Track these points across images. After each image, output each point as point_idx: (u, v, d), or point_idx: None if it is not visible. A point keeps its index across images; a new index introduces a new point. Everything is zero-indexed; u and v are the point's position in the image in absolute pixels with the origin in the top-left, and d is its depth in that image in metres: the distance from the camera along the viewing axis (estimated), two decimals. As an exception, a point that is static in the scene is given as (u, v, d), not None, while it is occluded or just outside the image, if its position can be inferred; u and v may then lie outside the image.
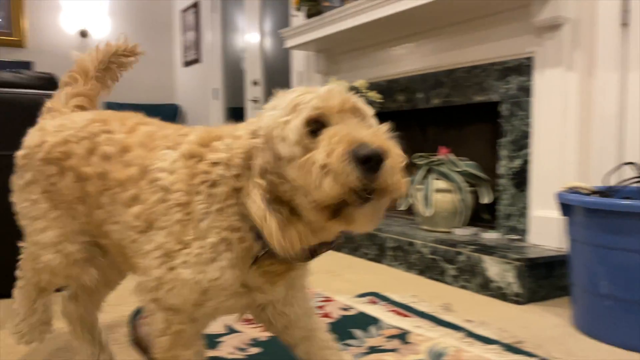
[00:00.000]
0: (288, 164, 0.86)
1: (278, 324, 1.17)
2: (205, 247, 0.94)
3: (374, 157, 0.78)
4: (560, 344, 1.67)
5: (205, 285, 0.96)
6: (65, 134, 1.20)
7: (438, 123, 3.50)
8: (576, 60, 2.24)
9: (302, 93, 0.89)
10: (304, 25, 3.54)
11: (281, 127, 0.87)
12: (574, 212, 1.79)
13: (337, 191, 0.79)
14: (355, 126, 0.85)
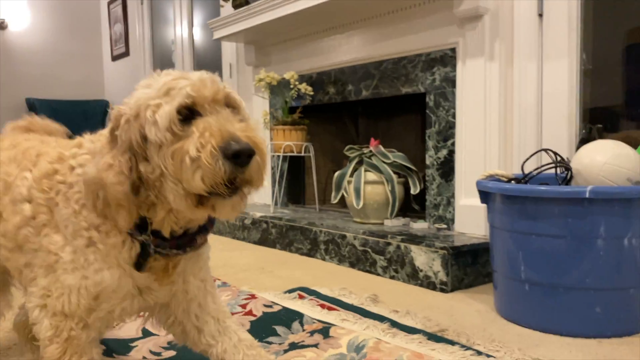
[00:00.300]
0: (156, 149, 0.86)
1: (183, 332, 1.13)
2: (77, 253, 0.94)
3: (244, 152, 0.82)
4: (482, 330, 1.69)
5: (93, 291, 0.94)
6: None
7: (368, 115, 3.51)
8: (496, 50, 2.28)
9: (176, 77, 0.88)
10: (231, 16, 3.45)
11: (152, 110, 0.86)
12: (493, 199, 1.81)
13: (206, 183, 0.82)
14: (227, 118, 0.86)
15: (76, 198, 0.95)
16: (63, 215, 0.96)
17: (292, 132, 3.25)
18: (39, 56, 6.30)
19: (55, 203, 0.97)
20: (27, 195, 1.01)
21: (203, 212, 0.88)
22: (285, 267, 2.60)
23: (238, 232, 3.39)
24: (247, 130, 0.86)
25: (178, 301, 1.09)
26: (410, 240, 2.26)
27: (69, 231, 0.95)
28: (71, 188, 0.96)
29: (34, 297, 0.99)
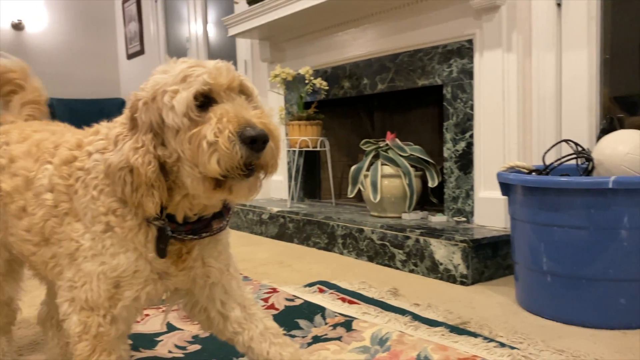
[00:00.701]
0: (173, 134, 0.88)
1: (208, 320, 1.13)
2: (96, 240, 0.95)
3: (260, 138, 0.84)
4: (504, 322, 1.68)
5: (112, 276, 0.96)
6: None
7: (384, 108, 3.51)
8: (514, 41, 2.26)
9: (192, 65, 0.90)
10: (246, 12, 3.46)
11: (170, 96, 0.88)
12: (514, 191, 1.80)
13: (222, 167, 0.84)
14: (243, 105, 0.89)
15: (94, 184, 0.96)
16: (82, 203, 0.97)
17: (308, 127, 3.26)
18: (55, 56, 6.38)
19: (74, 190, 0.99)
20: (49, 184, 1.03)
21: (220, 195, 0.90)
22: (304, 261, 2.61)
23: (256, 227, 3.41)
24: (262, 117, 0.89)
25: (200, 286, 1.09)
26: (429, 233, 2.26)
27: (88, 218, 0.96)
28: (89, 174, 0.98)
29: (62, 290, 1.01)
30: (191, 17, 5.25)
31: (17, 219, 1.09)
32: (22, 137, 1.17)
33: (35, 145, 1.12)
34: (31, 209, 1.06)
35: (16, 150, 1.13)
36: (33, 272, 1.36)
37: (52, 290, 1.44)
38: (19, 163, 1.11)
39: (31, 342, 1.62)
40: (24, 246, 1.10)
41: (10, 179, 1.11)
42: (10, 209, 1.11)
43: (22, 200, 1.08)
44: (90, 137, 1.02)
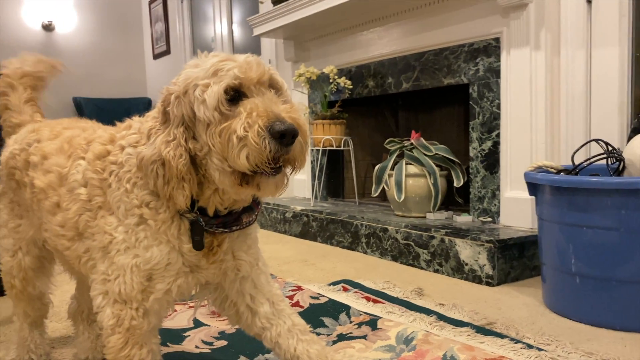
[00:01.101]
0: (204, 127, 0.89)
1: (237, 314, 1.14)
2: (129, 233, 0.97)
3: (289, 132, 0.85)
4: (531, 324, 1.66)
5: (145, 269, 0.97)
6: (12, 148, 1.28)
7: (409, 107, 3.49)
8: (542, 39, 2.23)
9: (223, 59, 0.91)
10: (271, 12, 3.48)
11: (201, 89, 0.89)
12: (542, 191, 1.78)
13: (252, 162, 0.85)
14: (272, 100, 0.90)
15: (127, 177, 0.98)
16: (116, 197, 0.99)
17: (331, 126, 3.26)
18: (84, 56, 6.50)
19: (108, 184, 1.01)
20: (82, 179, 1.05)
21: (247, 191, 0.91)
22: (327, 260, 2.62)
23: (279, 225, 3.43)
24: (291, 112, 0.89)
25: (230, 280, 1.10)
26: (454, 233, 2.24)
27: (121, 211, 0.98)
28: (122, 168, 0.99)
29: (95, 283, 1.03)
30: (216, 17, 5.30)
31: (51, 214, 1.12)
32: (53, 135, 1.20)
33: (67, 142, 1.14)
34: (65, 204, 1.08)
35: (48, 148, 1.16)
36: (65, 267, 1.40)
37: (82, 284, 1.48)
38: (52, 160, 1.13)
39: (62, 336, 1.66)
40: (58, 241, 1.12)
41: (44, 175, 1.13)
42: (44, 205, 1.13)
43: (55, 196, 1.10)
44: (123, 131, 1.04)
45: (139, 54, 6.91)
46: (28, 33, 6.18)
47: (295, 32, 3.62)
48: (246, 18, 4.14)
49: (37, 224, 1.24)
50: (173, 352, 1.42)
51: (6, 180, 1.32)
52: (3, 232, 1.35)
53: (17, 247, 1.32)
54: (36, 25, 6.23)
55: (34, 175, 1.17)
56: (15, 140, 1.31)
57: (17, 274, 1.33)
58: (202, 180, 0.95)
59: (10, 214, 1.32)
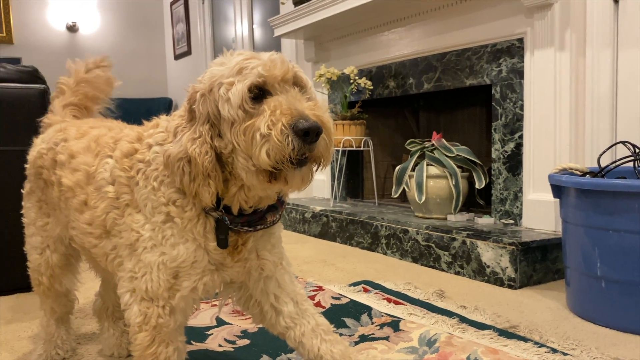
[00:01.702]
0: (229, 126, 0.89)
1: (261, 313, 1.14)
2: (156, 230, 0.98)
3: (313, 130, 0.85)
4: (555, 327, 1.65)
5: (172, 266, 0.97)
6: (39, 147, 1.31)
7: (430, 108, 3.47)
8: (567, 39, 2.20)
9: (248, 57, 0.92)
10: (292, 13, 3.49)
11: (225, 88, 0.89)
12: (567, 193, 1.76)
13: (272, 159, 0.85)
14: (296, 97, 0.90)
15: (154, 175, 0.99)
16: (143, 194, 1.00)
17: (351, 126, 3.26)
18: (106, 57, 6.60)
19: (135, 182, 1.01)
20: (110, 177, 1.06)
21: (276, 186, 0.91)
22: (347, 261, 2.62)
23: (299, 225, 3.44)
24: (316, 109, 0.89)
25: (255, 279, 1.11)
26: (476, 235, 2.22)
27: (148, 209, 0.99)
28: (149, 166, 1.00)
29: (123, 281, 1.04)
30: (237, 18, 5.34)
31: (78, 212, 1.13)
32: (79, 134, 1.22)
33: (94, 141, 1.15)
34: (93, 202, 1.09)
35: (75, 146, 1.18)
36: (91, 265, 1.42)
37: (107, 282, 1.50)
38: (79, 158, 1.15)
39: (87, 332, 1.69)
40: (86, 239, 1.14)
41: (72, 174, 1.15)
42: (72, 203, 1.15)
43: (83, 194, 1.12)
44: (150, 129, 1.05)
45: (161, 55, 6.99)
46: (53, 34, 6.30)
47: (316, 33, 3.63)
48: (267, 19, 4.16)
49: (64, 222, 1.26)
50: (197, 350, 1.43)
51: (34, 179, 1.34)
52: (31, 230, 1.37)
53: (45, 244, 1.34)
54: (61, 26, 6.35)
55: (61, 174, 1.19)
56: (42, 139, 1.34)
57: (45, 271, 1.35)
58: (227, 178, 0.95)
59: (38, 212, 1.34)
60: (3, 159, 2.02)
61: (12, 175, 1.40)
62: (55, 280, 1.37)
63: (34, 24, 6.16)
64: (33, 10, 6.14)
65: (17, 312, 1.89)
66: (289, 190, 0.95)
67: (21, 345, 1.59)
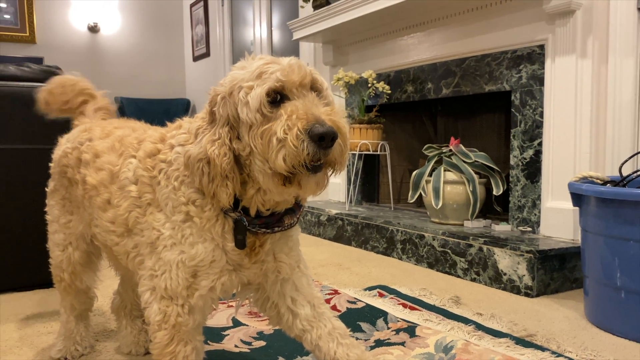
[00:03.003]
0: (247, 129, 0.91)
1: (278, 315, 1.15)
2: (175, 229, 0.99)
3: (328, 135, 0.85)
4: (573, 337, 1.63)
5: (190, 265, 0.99)
6: (65, 147, 1.33)
7: (448, 113, 3.46)
8: (589, 47, 2.18)
9: (268, 62, 0.93)
10: (311, 17, 3.50)
11: (245, 92, 0.91)
12: (587, 202, 1.74)
13: (288, 164, 0.86)
14: (313, 102, 0.91)
15: (175, 175, 1.00)
16: (164, 194, 1.02)
17: (368, 130, 3.26)
18: (126, 57, 6.68)
19: (157, 182, 1.03)
20: (133, 177, 1.08)
21: (291, 190, 0.92)
22: (362, 265, 2.62)
23: (314, 228, 3.45)
24: (332, 114, 0.89)
25: (272, 281, 1.12)
26: (493, 242, 2.21)
27: (169, 208, 1.01)
28: (171, 166, 1.02)
29: (143, 279, 1.05)
30: (256, 21, 5.37)
31: (102, 211, 1.16)
32: (104, 134, 1.24)
33: (119, 141, 1.18)
34: (116, 201, 1.11)
35: (100, 146, 1.20)
36: (111, 263, 1.44)
37: (126, 280, 1.52)
38: (104, 158, 1.17)
39: (105, 329, 1.71)
40: (108, 237, 1.16)
41: (96, 173, 1.17)
42: (96, 201, 1.17)
43: (107, 193, 1.14)
44: (173, 131, 1.07)
45: (180, 56, 7.05)
46: (75, 34, 6.39)
47: (335, 37, 3.64)
48: (285, 22, 4.18)
49: (87, 220, 1.28)
50: (213, 350, 1.44)
51: (58, 177, 1.37)
52: (54, 227, 1.40)
53: (68, 242, 1.37)
54: (82, 26, 6.44)
55: (85, 173, 1.21)
56: (67, 139, 1.37)
57: (67, 267, 1.38)
58: (246, 180, 0.96)
59: (61, 210, 1.37)
60: (32, 157, 2.06)
61: (40, 173, 1.43)
62: (76, 277, 1.39)
63: (57, 24, 6.26)
64: (56, 11, 6.24)
65: (38, 308, 1.92)
66: (304, 195, 0.96)
67: (41, 340, 1.62)
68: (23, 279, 2.11)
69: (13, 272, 2.09)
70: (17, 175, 2.07)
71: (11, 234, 2.07)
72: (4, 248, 2.07)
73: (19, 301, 2.00)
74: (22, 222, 2.08)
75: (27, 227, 2.07)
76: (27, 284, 2.12)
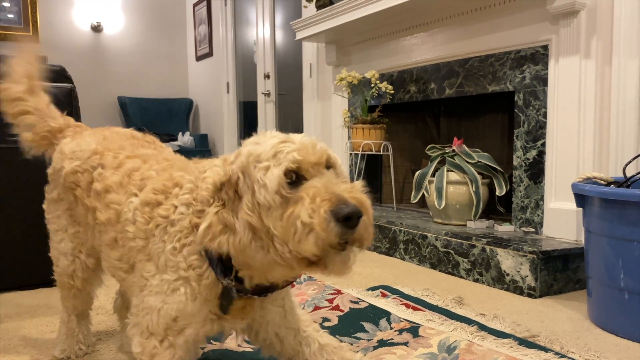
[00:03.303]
0: (266, 211, 0.88)
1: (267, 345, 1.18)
2: (163, 282, 0.99)
3: (354, 215, 0.83)
4: (576, 338, 1.63)
5: (171, 313, 0.99)
6: (74, 164, 1.28)
7: (451, 114, 3.46)
8: (593, 47, 2.18)
9: (282, 141, 0.91)
10: (314, 17, 3.50)
11: (262, 172, 0.89)
12: (591, 203, 1.74)
13: (319, 247, 0.83)
14: (332, 181, 0.89)
15: (177, 237, 0.99)
16: (158, 248, 1.01)
17: (371, 130, 3.26)
18: (129, 57, 6.69)
19: (152, 234, 1.02)
20: (132, 217, 1.07)
21: (314, 271, 0.89)
22: (364, 265, 2.61)
23: (316, 228, 3.44)
24: (353, 191, 0.87)
25: (257, 324, 1.14)
26: (496, 243, 2.21)
27: (161, 262, 1.00)
28: (173, 225, 1.00)
29: (130, 314, 1.08)
30: (259, 21, 5.37)
31: (110, 248, 1.16)
32: (116, 164, 1.20)
33: (127, 176, 1.16)
34: (122, 242, 1.11)
35: (110, 179, 1.17)
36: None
37: None
38: (112, 196, 1.15)
39: (108, 328, 1.72)
40: (116, 272, 1.17)
41: (105, 210, 1.16)
42: (104, 239, 1.17)
43: (113, 232, 1.14)
44: (175, 189, 1.04)
45: (182, 56, 7.06)
46: (78, 33, 6.40)
47: (338, 37, 3.64)
48: (288, 22, 4.18)
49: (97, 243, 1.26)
50: (216, 350, 1.44)
51: (63, 189, 1.33)
52: (60, 236, 1.38)
53: (77, 250, 1.36)
54: (85, 26, 6.45)
55: (96, 206, 1.19)
56: (74, 154, 1.30)
57: (81, 275, 1.38)
58: None
59: (69, 220, 1.36)
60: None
61: (44, 173, 1.42)
62: (87, 283, 1.40)
63: (60, 23, 6.27)
64: (59, 10, 6.25)
65: (41, 307, 1.92)
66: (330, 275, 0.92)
67: (44, 339, 1.62)
68: (24, 278, 2.11)
69: (16, 271, 2.09)
70: (22, 173, 2.07)
71: (13, 233, 2.07)
72: (6, 247, 2.07)
73: (21, 300, 2.00)
74: (23, 221, 2.08)
75: (29, 226, 2.07)
76: (28, 282, 2.12)
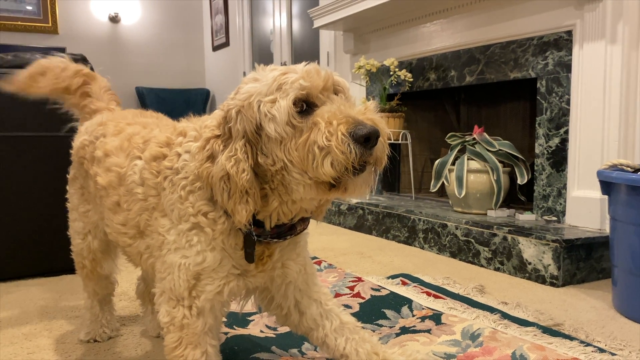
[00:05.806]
0: (277, 144, 0.88)
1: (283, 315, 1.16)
2: (180, 235, 0.98)
3: (373, 135, 0.84)
4: (601, 327, 1.61)
5: (194, 269, 0.98)
6: (82, 138, 1.33)
7: (472, 101, 3.42)
8: (619, 32, 2.13)
9: (284, 72, 0.90)
10: (332, 4, 3.48)
11: (268, 106, 0.87)
12: (617, 190, 1.71)
13: (337, 169, 0.84)
14: (344, 105, 0.88)
15: (182, 184, 0.98)
16: (169, 200, 1.00)
17: (390, 119, 3.24)
18: (147, 47, 6.72)
19: (162, 187, 1.01)
20: (139, 179, 1.06)
21: (335, 195, 0.90)
22: (383, 254, 2.61)
23: (334, 217, 3.44)
24: (367, 113, 0.87)
25: (277, 285, 1.12)
26: (518, 231, 2.18)
27: (175, 215, 0.99)
28: (177, 174, 0.99)
29: (156, 281, 1.06)
30: (276, 10, 5.35)
31: (112, 212, 1.15)
32: (116, 130, 1.22)
33: (127, 140, 1.15)
34: (125, 205, 1.10)
35: (110, 145, 1.18)
36: (127, 258, 1.46)
37: None
38: (112, 159, 1.15)
39: (131, 314, 1.74)
40: (120, 238, 1.16)
41: (105, 173, 1.16)
42: (106, 202, 1.17)
43: (116, 195, 1.13)
44: (179, 138, 1.04)
45: (199, 46, 7.07)
46: (96, 24, 6.44)
47: (356, 25, 3.61)
48: (305, 10, 4.16)
49: (100, 212, 1.27)
50: (239, 335, 1.45)
51: (77, 166, 1.37)
52: (74, 215, 1.41)
53: (87, 230, 1.38)
54: (103, 17, 6.49)
55: (97, 171, 1.20)
56: (86, 129, 1.35)
57: (87, 255, 1.40)
58: (267, 193, 0.93)
59: (80, 198, 1.38)
60: (61, 143, 2.09)
61: (68, 161, 1.44)
62: (97, 264, 1.41)
63: (78, 14, 6.31)
64: (77, 2, 6.30)
65: (63, 293, 1.95)
66: (351, 197, 0.93)
67: (69, 324, 1.65)
68: (49, 265, 2.15)
69: (39, 258, 2.13)
70: (45, 161, 2.10)
71: (35, 220, 2.11)
72: (28, 233, 2.10)
73: (44, 286, 2.04)
74: (45, 208, 2.11)
75: (51, 213, 2.10)
76: (53, 269, 2.15)
